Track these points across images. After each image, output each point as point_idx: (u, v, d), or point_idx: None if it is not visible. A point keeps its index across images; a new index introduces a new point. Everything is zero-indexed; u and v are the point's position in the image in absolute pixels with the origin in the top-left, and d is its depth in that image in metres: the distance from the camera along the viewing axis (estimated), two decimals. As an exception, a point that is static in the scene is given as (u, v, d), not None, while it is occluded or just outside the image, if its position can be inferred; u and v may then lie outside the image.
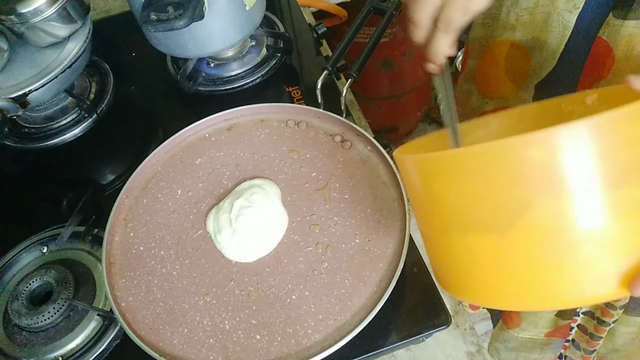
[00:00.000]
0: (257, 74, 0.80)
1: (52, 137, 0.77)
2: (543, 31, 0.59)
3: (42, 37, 0.70)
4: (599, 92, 0.47)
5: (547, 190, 0.31)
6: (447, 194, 0.36)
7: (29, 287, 0.58)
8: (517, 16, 0.62)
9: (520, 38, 0.63)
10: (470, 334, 0.59)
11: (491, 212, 0.34)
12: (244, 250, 0.57)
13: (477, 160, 0.33)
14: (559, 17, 0.57)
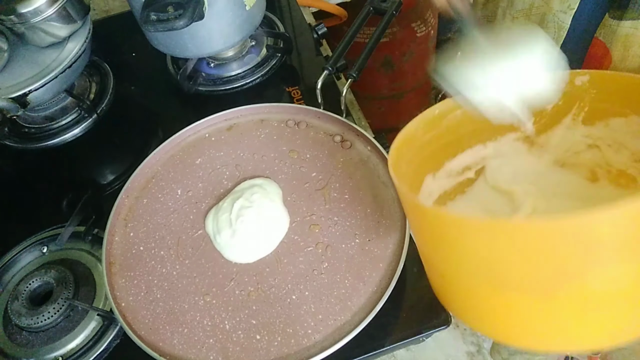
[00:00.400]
0: (257, 74, 0.80)
1: (52, 137, 0.77)
2: None
3: (42, 37, 0.70)
4: (591, 74, 0.46)
5: (601, 259, 0.32)
6: (489, 257, 0.35)
7: (29, 287, 0.58)
8: (512, 18, 0.62)
9: None
10: (470, 334, 0.59)
11: (538, 277, 0.34)
12: (243, 251, 0.57)
13: (532, 234, 0.32)
14: (554, 18, 0.57)
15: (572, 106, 0.49)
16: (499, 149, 0.53)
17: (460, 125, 0.49)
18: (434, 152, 0.50)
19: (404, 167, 0.46)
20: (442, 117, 0.48)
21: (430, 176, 0.51)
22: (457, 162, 0.52)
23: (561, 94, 0.47)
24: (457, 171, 0.53)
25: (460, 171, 0.53)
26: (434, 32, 1.45)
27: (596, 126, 0.49)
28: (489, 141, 0.52)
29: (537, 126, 0.51)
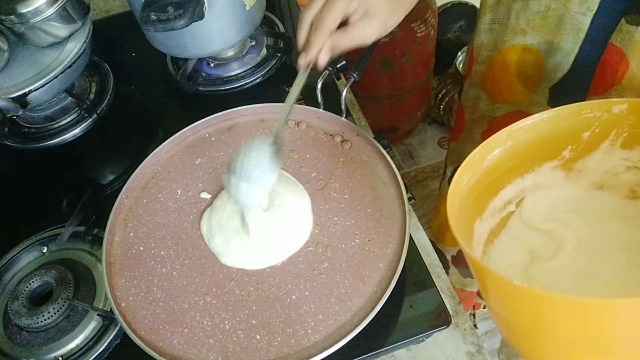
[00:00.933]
0: (257, 74, 0.80)
1: (52, 137, 0.77)
2: (557, 34, 0.58)
3: (42, 37, 0.70)
4: (629, 102, 0.46)
5: None
6: (589, 329, 0.35)
7: (29, 287, 0.58)
8: (527, 20, 0.61)
9: (532, 42, 0.62)
10: (470, 334, 0.59)
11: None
12: (245, 258, 0.57)
13: (626, 313, 0.33)
14: (573, 20, 0.56)
15: (610, 132, 0.49)
16: (537, 180, 0.53)
17: (499, 163, 0.49)
18: (478, 196, 0.50)
19: (461, 224, 0.46)
20: (482, 160, 0.48)
21: (478, 220, 0.51)
22: (498, 199, 0.52)
23: (598, 121, 0.48)
24: (500, 207, 0.53)
25: (502, 207, 0.53)
26: (434, 32, 1.45)
27: (635, 150, 0.49)
28: (527, 173, 0.52)
29: (573, 153, 0.51)
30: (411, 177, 1.69)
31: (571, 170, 0.53)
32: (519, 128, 0.48)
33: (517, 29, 0.62)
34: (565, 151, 0.51)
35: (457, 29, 1.70)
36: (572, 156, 0.52)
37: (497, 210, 0.53)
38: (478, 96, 0.75)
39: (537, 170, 0.52)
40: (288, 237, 0.57)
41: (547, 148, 0.51)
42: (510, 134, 0.48)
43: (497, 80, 0.69)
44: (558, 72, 0.61)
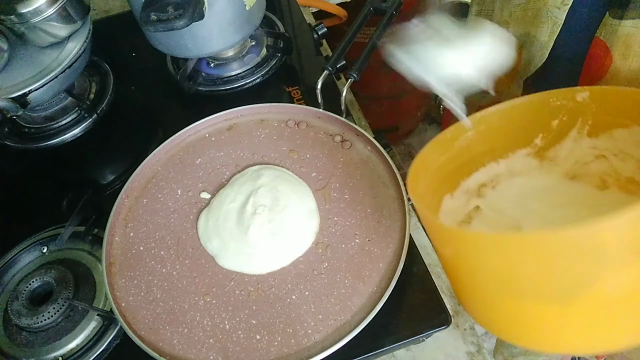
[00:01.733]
0: (257, 74, 0.80)
1: (52, 137, 0.77)
2: (534, 26, 0.60)
3: (42, 37, 0.70)
4: (591, 90, 0.47)
5: (610, 265, 0.33)
6: (506, 269, 0.37)
7: (29, 287, 0.58)
8: (510, 12, 0.63)
9: (514, 33, 0.63)
10: (470, 334, 0.59)
11: (554, 286, 0.35)
12: (244, 261, 0.57)
13: (543, 245, 0.33)
14: (548, 13, 0.57)
15: (576, 120, 0.50)
16: (511, 166, 0.54)
17: (472, 146, 0.51)
18: (450, 173, 0.51)
19: (422, 190, 0.47)
20: (454, 139, 0.50)
21: (449, 196, 0.52)
22: (472, 181, 0.54)
23: (564, 109, 0.49)
24: (474, 189, 0.54)
25: (476, 189, 0.54)
26: (434, 32, 1.45)
27: (601, 138, 0.51)
28: (501, 159, 0.54)
29: (545, 141, 0.53)
30: (411, 177, 1.69)
31: (544, 159, 0.54)
32: (490, 113, 0.50)
33: (501, 20, 0.64)
34: (537, 139, 0.53)
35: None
36: (544, 144, 0.53)
37: (471, 191, 0.54)
38: None
39: (511, 157, 0.54)
40: (291, 241, 0.57)
41: (519, 135, 0.52)
42: (482, 119, 0.50)
43: None
44: (531, 65, 0.62)
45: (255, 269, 0.56)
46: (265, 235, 0.56)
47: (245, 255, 0.56)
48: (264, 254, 0.56)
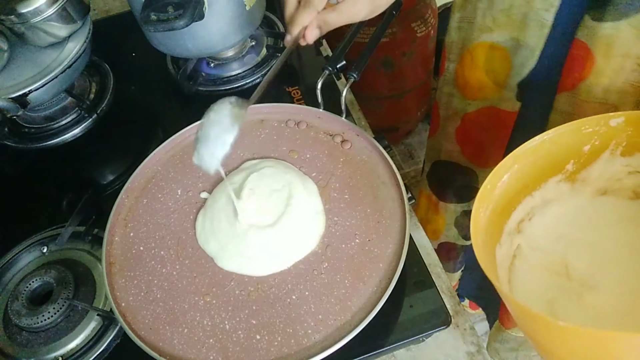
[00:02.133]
0: (257, 74, 0.80)
1: (52, 137, 0.77)
2: (522, 30, 0.60)
3: (42, 37, 0.70)
4: (626, 115, 0.48)
5: None
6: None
7: (29, 287, 0.58)
8: (493, 18, 0.62)
9: (499, 39, 0.63)
10: (470, 334, 0.59)
11: None
12: (244, 263, 0.56)
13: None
14: (537, 16, 0.57)
15: (609, 143, 0.50)
16: (545, 195, 0.54)
17: (509, 189, 0.50)
18: (495, 224, 0.51)
19: (488, 260, 0.47)
20: (493, 189, 0.49)
21: (498, 246, 0.52)
22: (512, 221, 0.53)
23: (597, 134, 0.49)
24: (514, 228, 0.54)
25: (516, 227, 0.54)
26: (434, 32, 1.45)
27: (635, 156, 0.51)
28: (535, 191, 0.53)
29: (576, 165, 0.52)
30: (411, 177, 1.69)
31: (575, 182, 0.54)
32: (523, 151, 0.49)
33: (484, 27, 0.64)
34: (569, 165, 0.52)
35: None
36: (576, 168, 0.53)
37: (512, 231, 0.53)
38: (451, 93, 0.77)
39: (544, 187, 0.53)
40: (295, 245, 0.56)
41: (551, 165, 0.52)
42: (515, 158, 0.49)
43: (468, 77, 0.71)
44: (525, 68, 0.62)
45: (256, 271, 0.56)
46: (267, 238, 0.56)
47: (246, 258, 0.56)
48: (265, 257, 0.56)
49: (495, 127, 0.72)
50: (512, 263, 0.53)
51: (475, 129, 0.77)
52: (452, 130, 0.81)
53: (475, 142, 0.80)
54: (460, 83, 0.74)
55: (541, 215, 0.54)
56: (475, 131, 0.77)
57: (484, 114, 0.73)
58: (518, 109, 0.68)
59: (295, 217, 0.57)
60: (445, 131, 0.83)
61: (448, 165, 0.87)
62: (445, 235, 1.00)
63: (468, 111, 0.75)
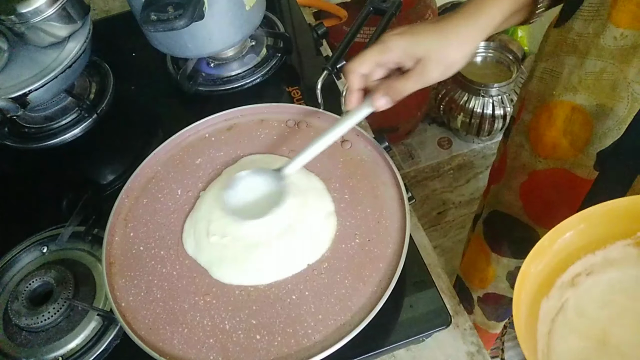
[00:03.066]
0: (257, 74, 0.80)
1: (52, 137, 0.77)
2: (609, 99, 0.55)
3: (42, 37, 0.70)
4: None
5: None
6: None
7: (29, 287, 0.58)
8: (580, 79, 0.57)
9: (583, 102, 0.58)
10: (470, 334, 0.59)
11: None
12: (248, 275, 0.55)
13: None
14: (629, 88, 0.53)
15: None
16: (608, 256, 0.52)
17: (570, 245, 0.49)
18: (546, 276, 0.49)
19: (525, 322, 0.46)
20: (551, 245, 0.48)
21: (545, 299, 0.50)
22: (566, 275, 0.51)
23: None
24: (568, 282, 0.52)
25: (570, 280, 0.52)
26: (434, 32, 1.45)
27: None
28: (598, 250, 0.51)
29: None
30: (411, 177, 1.69)
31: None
32: (592, 212, 0.47)
33: (569, 85, 0.59)
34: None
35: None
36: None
37: (565, 285, 0.52)
38: (522, 144, 0.72)
39: (609, 247, 0.52)
40: (308, 250, 0.56)
41: (621, 229, 0.50)
42: (582, 218, 0.47)
43: (542, 134, 0.66)
44: (608, 138, 0.58)
45: (262, 281, 0.55)
46: (276, 250, 0.55)
47: (252, 271, 0.55)
48: (273, 267, 0.55)
49: (566, 191, 0.67)
50: (557, 315, 0.51)
51: (543, 188, 0.71)
52: (517, 184, 0.76)
53: (541, 201, 0.74)
54: (532, 137, 0.69)
55: (597, 278, 0.52)
56: (543, 190, 0.72)
57: (556, 176, 0.67)
58: (594, 177, 0.62)
59: (307, 223, 0.56)
60: (509, 183, 0.78)
61: (507, 218, 0.81)
62: (493, 286, 0.95)
63: (537, 168, 0.70)
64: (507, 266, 0.89)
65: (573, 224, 0.47)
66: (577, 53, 0.57)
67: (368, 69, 0.51)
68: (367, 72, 0.51)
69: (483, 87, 1.51)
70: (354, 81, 0.52)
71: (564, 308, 0.52)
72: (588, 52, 0.55)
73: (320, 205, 0.58)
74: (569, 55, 0.58)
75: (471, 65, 1.60)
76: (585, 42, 0.55)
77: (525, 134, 0.70)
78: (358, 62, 0.50)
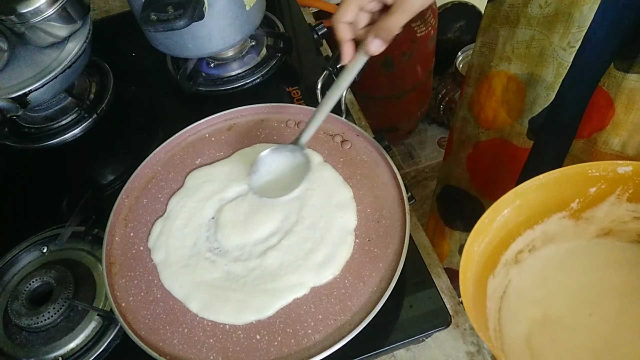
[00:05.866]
0: (257, 74, 0.80)
1: (52, 137, 0.77)
2: (538, 66, 0.58)
3: (42, 37, 0.70)
4: (634, 165, 0.48)
5: None
6: None
7: (29, 287, 0.58)
8: (513, 48, 0.61)
9: (516, 71, 0.62)
10: (470, 334, 0.59)
11: None
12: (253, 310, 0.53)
13: None
14: (554, 54, 0.56)
15: (616, 188, 0.51)
16: (547, 230, 0.54)
17: (508, 222, 0.50)
18: (490, 255, 0.51)
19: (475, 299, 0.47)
20: (491, 223, 0.49)
21: (491, 277, 0.52)
22: (509, 252, 0.53)
23: (604, 179, 0.50)
24: (511, 258, 0.54)
25: (513, 257, 0.54)
26: (434, 32, 1.45)
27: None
28: (536, 224, 0.53)
29: (581, 204, 0.52)
30: (411, 177, 1.69)
31: (580, 219, 0.54)
32: (526, 188, 0.49)
33: (503, 55, 0.62)
34: (573, 203, 0.52)
35: (457, 29, 1.70)
36: (580, 207, 0.53)
37: (510, 262, 0.53)
38: (466, 118, 0.75)
39: (547, 221, 0.53)
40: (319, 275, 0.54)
41: (556, 202, 0.52)
42: (517, 195, 0.49)
43: (483, 104, 0.69)
44: (537, 105, 0.61)
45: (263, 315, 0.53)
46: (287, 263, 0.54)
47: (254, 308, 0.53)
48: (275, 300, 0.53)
49: (506, 161, 0.70)
50: (504, 293, 0.53)
51: (486, 159, 0.75)
52: (464, 156, 0.79)
53: (485, 172, 0.77)
54: (475, 109, 0.72)
55: (539, 250, 0.54)
56: (486, 161, 0.75)
57: (496, 145, 0.71)
58: (529, 146, 0.66)
59: (322, 246, 0.55)
60: (457, 156, 0.81)
61: (457, 192, 0.85)
62: (449, 261, 0.98)
63: (481, 140, 0.73)
64: (459, 240, 0.92)
65: (509, 200, 0.49)
66: (509, 24, 0.60)
67: (353, 14, 0.49)
68: (353, 19, 0.50)
69: (483, 87, 1.51)
70: (343, 31, 0.50)
71: (507, 290, 0.53)
72: (518, 21, 0.58)
73: (342, 221, 0.57)
74: (502, 26, 0.61)
75: (471, 65, 1.60)
76: (516, 12, 0.58)
77: (468, 106, 0.74)
78: (342, 10, 0.49)
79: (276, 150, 0.57)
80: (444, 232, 0.95)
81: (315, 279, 0.53)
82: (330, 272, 0.53)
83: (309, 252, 0.54)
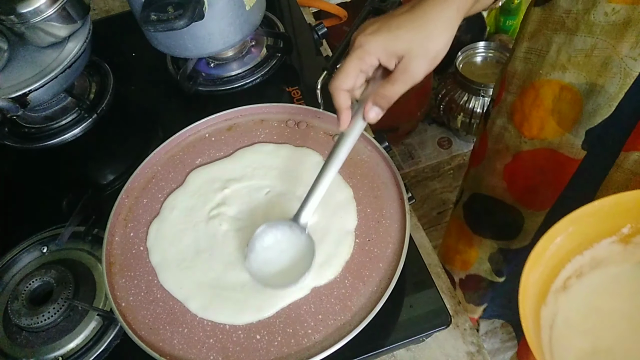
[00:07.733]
0: (257, 74, 0.80)
1: (52, 137, 0.77)
2: (600, 76, 0.55)
3: (42, 37, 0.70)
4: None
5: None
6: None
7: (29, 287, 0.58)
8: (569, 56, 0.56)
9: (572, 80, 0.57)
10: (470, 334, 0.59)
11: None
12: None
13: None
14: (621, 64, 0.52)
15: None
16: (595, 255, 0.52)
17: (560, 249, 0.49)
18: (542, 285, 0.49)
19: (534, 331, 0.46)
20: (544, 251, 0.47)
21: (543, 307, 0.50)
22: (559, 280, 0.52)
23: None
24: (560, 286, 0.52)
25: (562, 284, 0.53)
26: (434, 32, 1.45)
27: None
28: (586, 250, 0.52)
29: (632, 229, 0.51)
30: (411, 177, 1.69)
31: (629, 244, 0.52)
32: (579, 215, 0.47)
33: (557, 63, 0.58)
34: (625, 228, 0.51)
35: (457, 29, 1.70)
36: (631, 232, 0.51)
37: (558, 289, 0.52)
38: (504, 127, 0.70)
39: (596, 246, 0.52)
40: (316, 277, 0.54)
41: (607, 227, 0.50)
42: (571, 221, 0.47)
43: (528, 114, 0.65)
44: (597, 116, 0.57)
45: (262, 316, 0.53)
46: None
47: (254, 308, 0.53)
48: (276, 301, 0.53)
49: (552, 171, 0.66)
50: (553, 322, 0.51)
51: (527, 168, 0.70)
52: (500, 166, 0.74)
53: (526, 182, 0.73)
54: (517, 119, 0.67)
55: (586, 276, 0.53)
56: (527, 171, 0.71)
57: (542, 156, 0.67)
58: (582, 157, 0.62)
59: (322, 246, 0.55)
60: (491, 165, 0.76)
61: (489, 200, 0.80)
62: (475, 268, 0.95)
63: (522, 149, 0.69)
64: (489, 247, 0.88)
65: (562, 228, 0.47)
66: (565, 30, 0.55)
67: (353, 81, 0.48)
68: (353, 85, 0.48)
69: (483, 87, 1.51)
70: (342, 99, 0.48)
71: (555, 319, 0.52)
72: (577, 28, 0.54)
73: (342, 222, 0.57)
74: (556, 33, 0.57)
75: (471, 65, 1.60)
76: (574, 18, 0.54)
77: (507, 115, 0.69)
78: (341, 77, 0.47)
79: (273, 226, 0.53)
80: (471, 239, 0.91)
81: (316, 279, 0.53)
82: (330, 272, 0.54)
83: None
